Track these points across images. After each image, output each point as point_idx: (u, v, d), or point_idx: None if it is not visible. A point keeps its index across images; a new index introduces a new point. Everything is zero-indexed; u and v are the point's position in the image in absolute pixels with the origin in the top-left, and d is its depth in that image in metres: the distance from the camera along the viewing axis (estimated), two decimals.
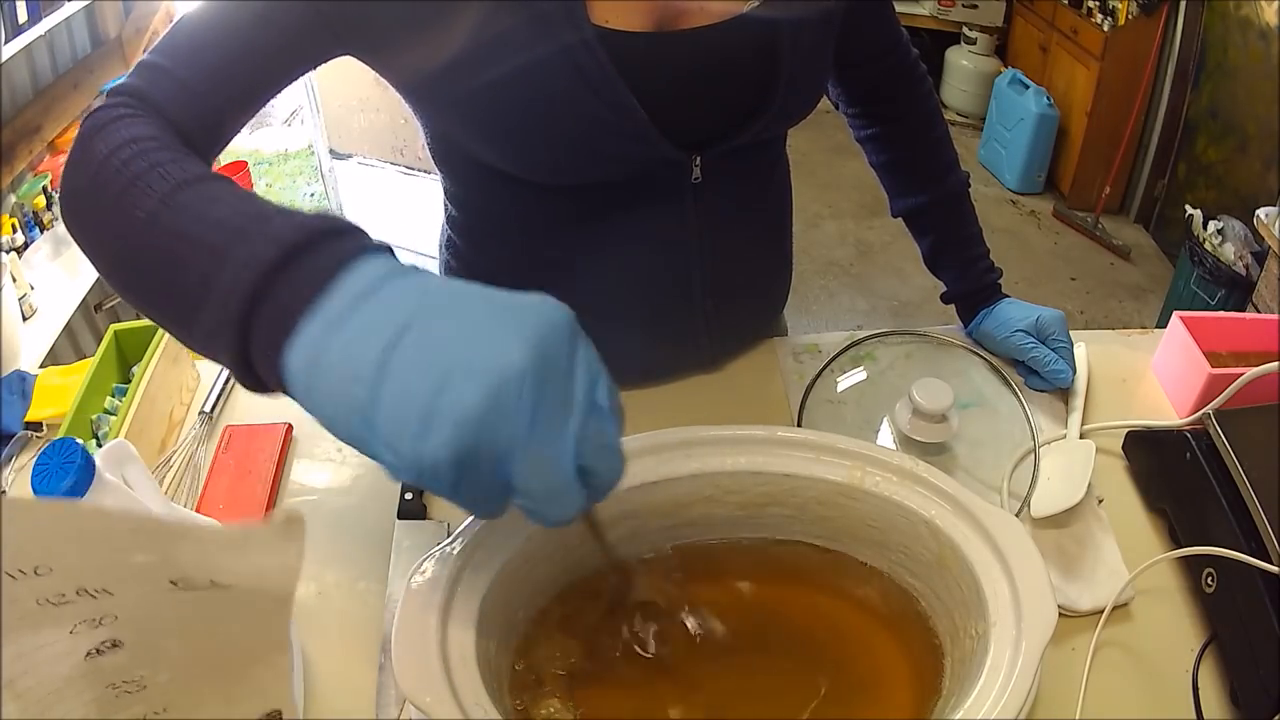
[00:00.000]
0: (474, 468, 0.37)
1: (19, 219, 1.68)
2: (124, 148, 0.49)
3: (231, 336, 0.40)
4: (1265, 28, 2.47)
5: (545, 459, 0.38)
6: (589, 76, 0.63)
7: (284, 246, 0.40)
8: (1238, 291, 2.22)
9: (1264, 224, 1.99)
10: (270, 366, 0.40)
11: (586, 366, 0.40)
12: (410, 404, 0.37)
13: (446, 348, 0.37)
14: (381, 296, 0.39)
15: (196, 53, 0.57)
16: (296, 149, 3.39)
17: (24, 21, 1.58)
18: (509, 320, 0.39)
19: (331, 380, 0.38)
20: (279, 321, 0.39)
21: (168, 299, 0.46)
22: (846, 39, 0.76)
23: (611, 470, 0.42)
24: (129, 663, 0.35)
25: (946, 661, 0.55)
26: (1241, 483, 0.64)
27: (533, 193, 0.73)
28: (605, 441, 0.41)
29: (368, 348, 0.37)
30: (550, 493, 0.39)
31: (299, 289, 0.39)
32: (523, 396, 0.37)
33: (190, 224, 0.44)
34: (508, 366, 0.37)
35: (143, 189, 0.47)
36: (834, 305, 2.72)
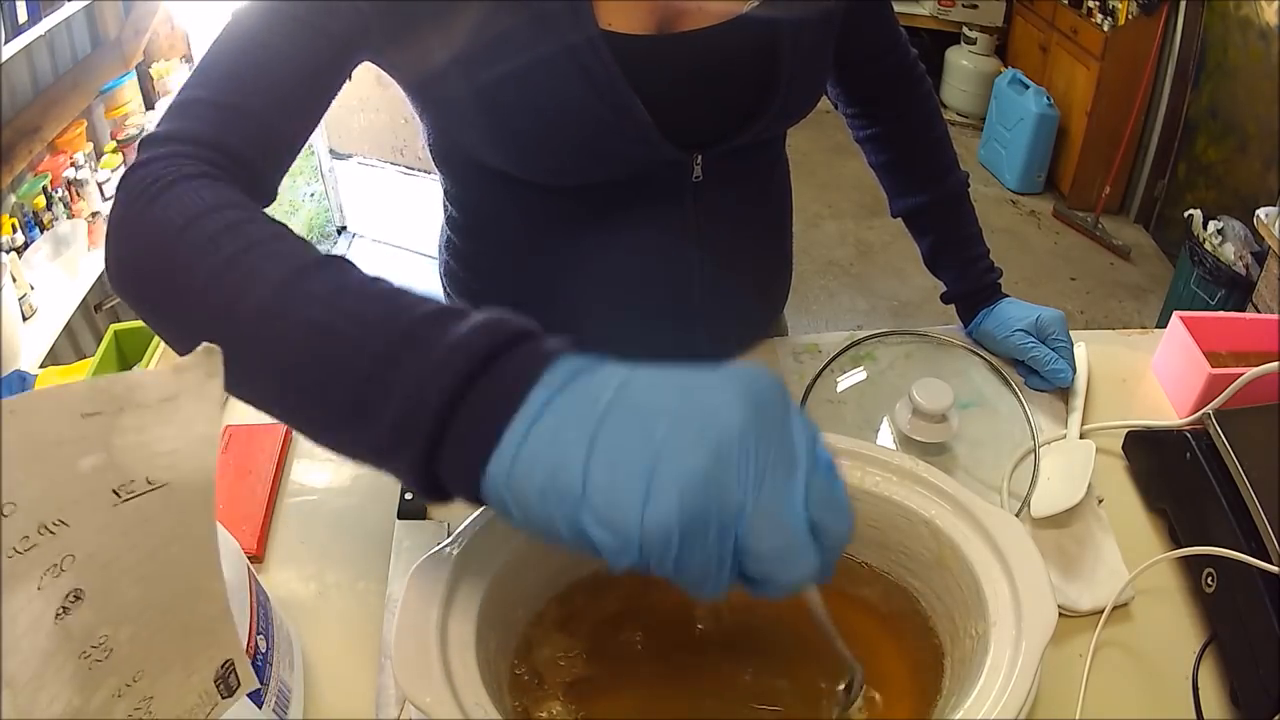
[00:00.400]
0: (702, 534, 0.35)
1: (19, 219, 1.68)
2: (204, 218, 0.45)
3: (416, 454, 0.38)
4: (1265, 28, 2.47)
5: (775, 516, 0.37)
6: (594, 78, 0.63)
7: (474, 356, 0.38)
8: (1238, 291, 2.22)
9: (1264, 224, 1.99)
10: (464, 479, 0.38)
11: (804, 424, 0.39)
12: (627, 476, 0.35)
13: (657, 418, 0.36)
14: (578, 387, 0.37)
15: (239, 79, 0.53)
16: None
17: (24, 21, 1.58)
18: (718, 384, 0.38)
19: (535, 475, 0.36)
20: (476, 435, 0.37)
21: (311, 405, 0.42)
22: (846, 39, 0.76)
23: (841, 525, 0.40)
24: (93, 618, 0.35)
25: (946, 661, 0.55)
26: (1241, 483, 0.64)
27: (533, 193, 0.73)
28: (833, 495, 0.39)
29: (572, 432, 0.36)
30: (783, 552, 0.37)
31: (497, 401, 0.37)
32: (746, 454, 0.36)
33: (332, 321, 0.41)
34: (728, 425, 0.36)
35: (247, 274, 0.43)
36: (834, 305, 2.72)
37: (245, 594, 0.54)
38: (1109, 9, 2.86)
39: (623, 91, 0.64)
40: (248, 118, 0.53)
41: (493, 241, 0.82)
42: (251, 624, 0.53)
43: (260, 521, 0.72)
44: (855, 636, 0.59)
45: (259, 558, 0.71)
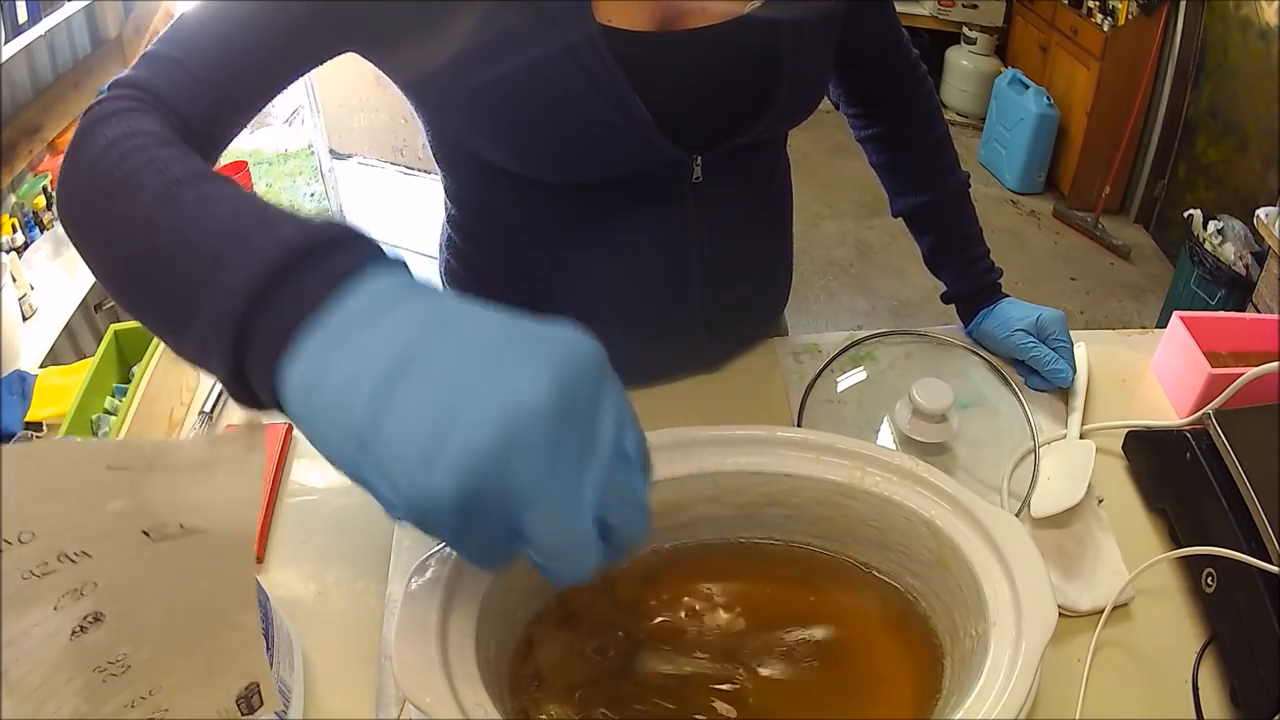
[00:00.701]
0: (481, 513, 0.34)
1: (19, 219, 1.68)
2: (122, 140, 0.48)
3: (226, 346, 0.38)
4: (1265, 28, 2.47)
5: (561, 508, 0.35)
6: (594, 76, 0.63)
7: (286, 251, 0.37)
8: (1238, 291, 2.22)
9: (1264, 224, 1.99)
10: (265, 381, 0.37)
11: (615, 409, 0.37)
12: (415, 436, 0.33)
13: (459, 375, 0.34)
14: (389, 313, 0.36)
15: (205, 44, 0.56)
16: (296, 149, 3.39)
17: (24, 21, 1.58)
18: (530, 350, 0.35)
19: (330, 403, 0.35)
20: (277, 334, 0.36)
21: (160, 302, 0.43)
22: (847, 39, 0.76)
23: (634, 527, 0.38)
24: (111, 639, 0.35)
25: (946, 661, 0.55)
26: (1241, 483, 0.64)
27: (534, 191, 0.73)
28: (630, 495, 0.37)
29: (371, 369, 0.34)
30: (565, 547, 0.36)
31: (300, 299, 0.36)
32: (541, 436, 0.34)
33: (188, 224, 0.41)
34: (527, 401, 0.33)
35: (139, 184, 0.44)
36: (834, 305, 2.72)
37: None
38: (1109, 9, 2.86)
39: (623, 89, 0.64)
40: (203, 85, 0.54)
41: (493, 240, 0.82)
42: None
43: (260, 521, 0.72)
44: (855, 636, 0.59)
45: (259, 558, 0.71)
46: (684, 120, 0.69)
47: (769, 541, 0.63)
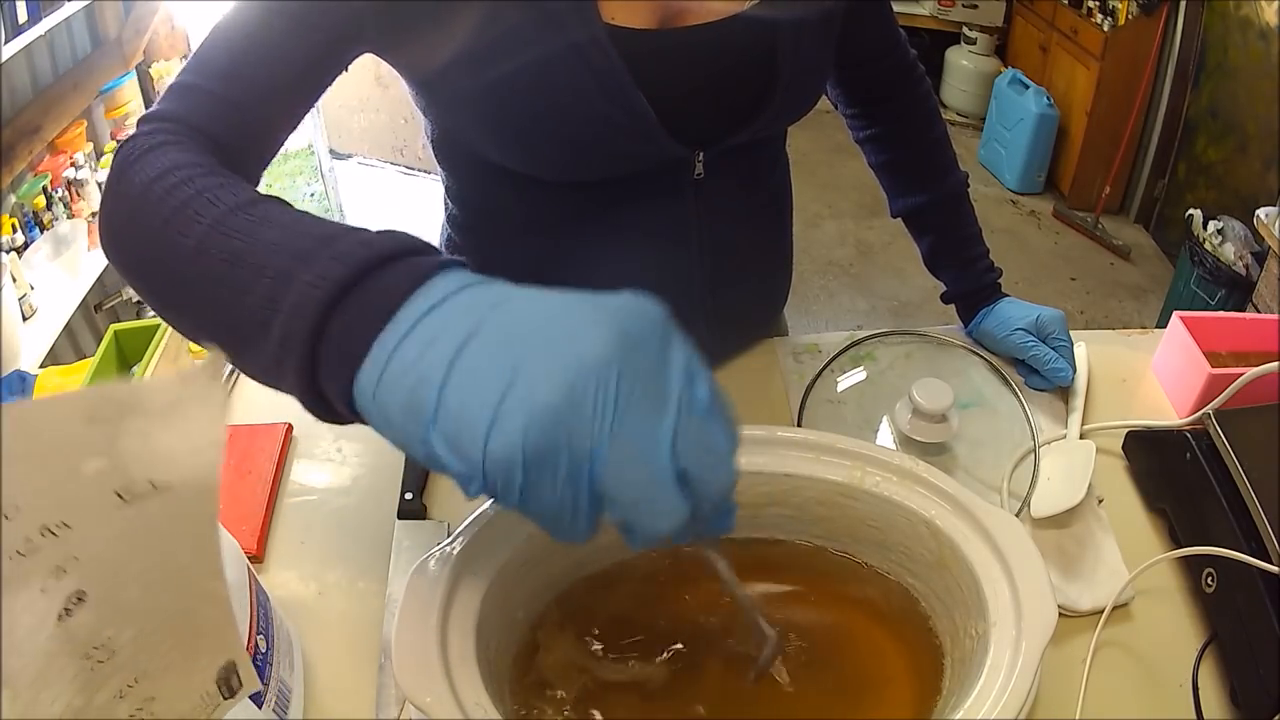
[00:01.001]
0: (550, 471, 0.34)
1: (19, 219, 1.68)
2: (166, 175, 0.48)
3: (300, 362, 0.38)
4: (1265, 28, 2.47)
5: (636, 457, 0.35)
6: (598, 73, 0.64)
7: (353, 265, 0.38)
8: (1238, 291, 2.22)
9: (1264, 224, 1.99)
10: (342, 391, 0.38)
11: (684, 362, 0.37)
12: (478, 402, 0.34)
13: (520, 343, 0.34)
14: (454, 303, 0.36)
15: (230, 68, 0.55)
16: (296, 149, 3.39)
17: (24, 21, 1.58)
18: (591, 311, 0.35)
19: (398, 390, 0.35)
20: (349, 344, 0.37)
21: (226, 327, 0.43)
22: (847, 39, 0.77)
23: (719, 477, 0.37)
24: (96, 621, 0.35)
25: (946, 661, 0.55)
26: (1241, 483, 0.64)
27: (535, 190, 0.73)
28: (709, 443, 0.37)
29: (437, 351, 0.35)
30: (642, 500, 0.35)
31: (370, 309, 0.37)
32: (607, 388, 0.34)
33: (246, 248, 0.42)
34: (588, 356, 0.34)
35: (190, 216, 0.45)
36: (834, 305, 2.72)
37: (245, 594, 0.54)
38: (1109, 9, 2.86)
39: (626, 85, 0.65)
40: (235, 108, 0.55)
41: (493, 239, 0.82)
42: (251, 624, 0.53)
43: (260, 521, 0.72)
44: (855, 636, 0.59)
45: (259, 558, 0.71)
46: (685, 117, 0.69)
47: (769, 541, 0.63)
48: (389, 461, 0.77)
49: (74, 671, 0.35)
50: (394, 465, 0.76)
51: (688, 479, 0.36)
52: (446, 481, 0.76)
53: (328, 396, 0.39)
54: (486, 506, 0.55)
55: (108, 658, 0.36)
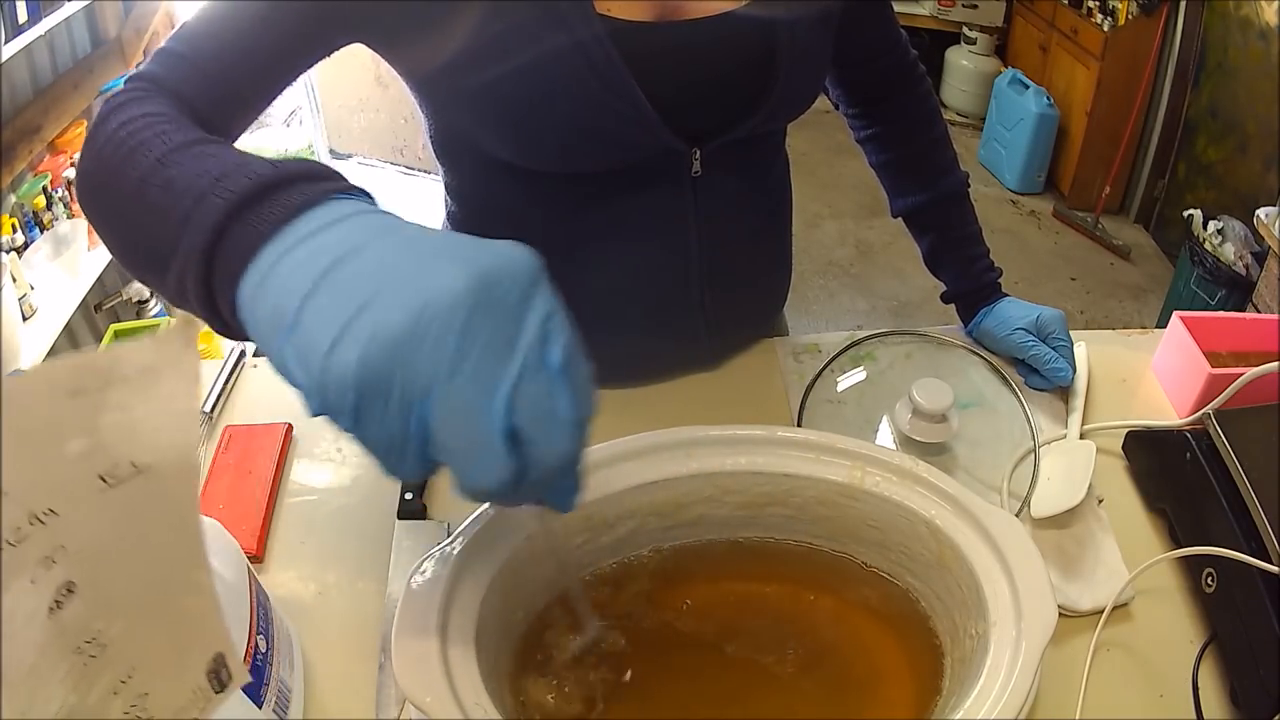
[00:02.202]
0: (383, 398, 0.34)
1: (19, 219, 1.68)
2: (132, 121, 0.50)
3: (197, 277, 0.39)
4: (1265, 28, 2.47)
5: (467, 404, 0.34)
6: (596, 65, 0.64)
7: (257, 181, 0.39)
8: (1238, 291, 2.22)
9: (1264, 224, 1.99)
10: (229, 300, 0.39)
11: (542, 319, 0.36)
12: (329, 319, 0.34)
13: (386, 271, 0.35)
14: (339, 227, 0.38)
15: (213, 39, 0.58)
16: (296, 149, 3.39)
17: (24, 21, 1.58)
18: (460, 251, 0.36)
19: (268, 297, 0.37)
20: (238, 256, 0.38)
21: (150, 249, 0.45)
22: (847, 39, 0.77)
23: (555, 443, 0.36)
24: (86, 613, 0.34)
25: (946, 661, 0.55)
26: (1241, 483, 0.64)
27: (534, 184, 0.74)
28: (550, 405, 0.36)
29: (311, 266, 0.36)
30: (469, 448, 0.35)
31: (263, 222, 0.38)
32: (450, 327, 0.34)
33: (180, 176, 0.44)
34: (440, 291, 0.34)
35: (142, 153, 0.47)
36: (834, 305, 2.72)
37: (245, 594, 0.53)
38: (1109, 9, 2.86)
39: (623, 77, 0.65)
40: (211, 79, 0.57)
41: (493, 236, 0.82)
42: (251, 624, 0.53)
43: (260, 521, 0.72)
44: (855, 636, 0.59)
45: (259, 558, 0.71)
46: (682, 111, 0.69)
47: (769, 541, 0.63)
48: None
49: (67, 667, 0.34)
50: None
51: (520, 439, 0.36)
52: (447, 481, 0.76)
53: (221, 310, 0.40)
54: (486, 506, 0.55)
55: (99, 652, 0.35)
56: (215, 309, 0.41)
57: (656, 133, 0.69)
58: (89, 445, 0.33)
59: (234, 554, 0.54)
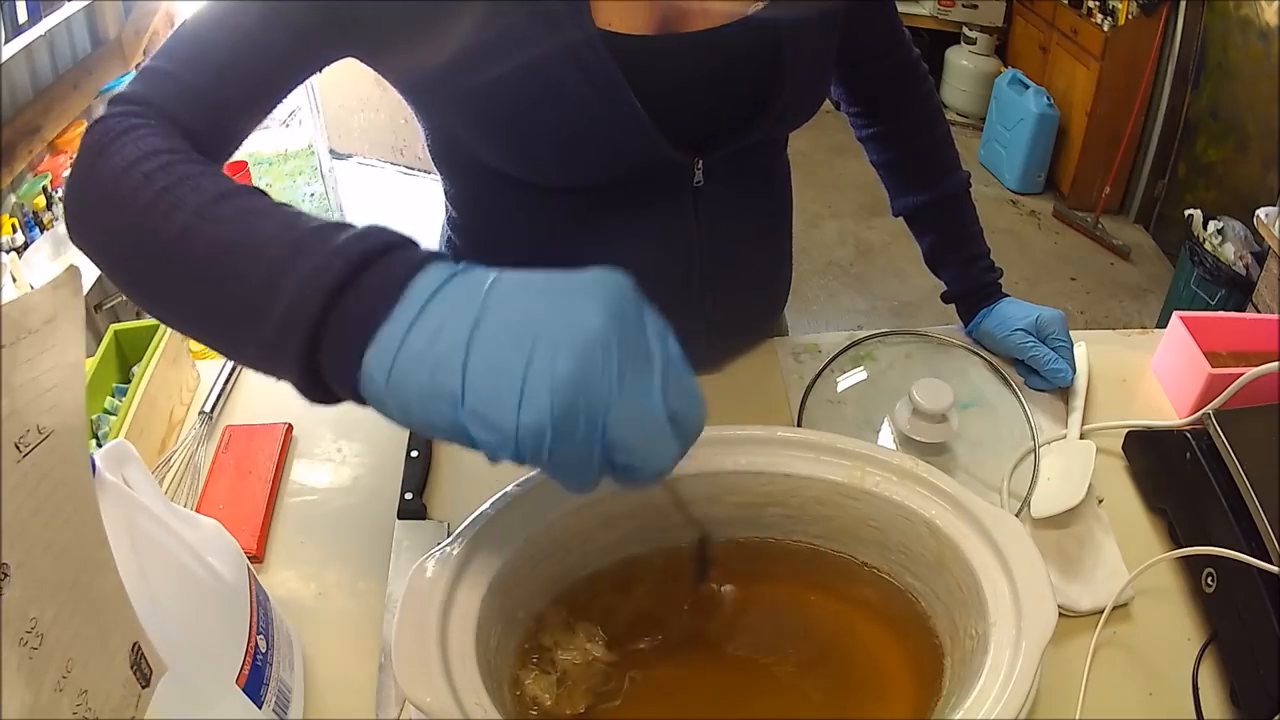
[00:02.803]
0: (572, 430, 0.38)
1: (19, 219, 1.68)
2: (143, 160, 0.49)
3: (299, 348, 0.41)
4: (1265, 28, 2.47)
5: (639, 409, 0.40)
6: (592, 78, 0.63)
7: (352, 260, 0.41)
8: (1238, 291, 2.22)
9: (1264, 224, 1.99)
10: (344, 375, 0.41)
11: (656, 324, 0.42)
12: (501, 378, 0.38)
13: (525, 324, 0.39)
14: (451, 292, 0.40)
15: (201, 56, 0.56)
16: (296, 149, 3.39)
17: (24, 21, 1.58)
18: (580, 291, 0.40)
19: (417, 376, 0.39)
20: (354, 329, 0.40)
21: (214, 313, 0.45)
22: (850, 39, 0.76)
23: (695, 412, 0.43)
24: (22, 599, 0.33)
25: (946, 661, 0.55)
26: (1241, 483, 0.64)
27: (533, 194, 0.73)
28: (686, 386, 0.43)
29: (448, 336, 0.39)
30: (647, 441, 0.41)
31: (373, 299, 0.40)
32: (609, 356, 0.39)
33: (237, 238, 0.44)
34: (591, 330, 0.39)
35: (172, 202, 0.46)
36: (834, 305, 2.72)
37: (245, 594, 0.54)
38: (1109, 9, 2.86)
39: (621, 91, 0.64)
40: (201, 97, 0.56)
41: (492, 243, 0.82)
42: (251, 624, 0.53)
43: (260, 521, 0.72)
44: (855, 636, 0.59)
45: (259, 558, 0.71)
46: (684, 123, 0.69)
47: (769, 541, 0.63)
48: (389, 461, 0.77)
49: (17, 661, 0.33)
50: (394, 465, 0.76)
51: (675, 420, 0.42)
52: (447, 481, 0.77)
53: (326, 382, 0.42)
54: (486, 506, 0.55)
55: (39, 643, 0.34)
56: (318, 382, 0.42)
57: (657, 146, 0.68)
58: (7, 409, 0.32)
59: (234, 554, 0.54)
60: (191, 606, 0.48)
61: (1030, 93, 3.14)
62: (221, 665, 0.51)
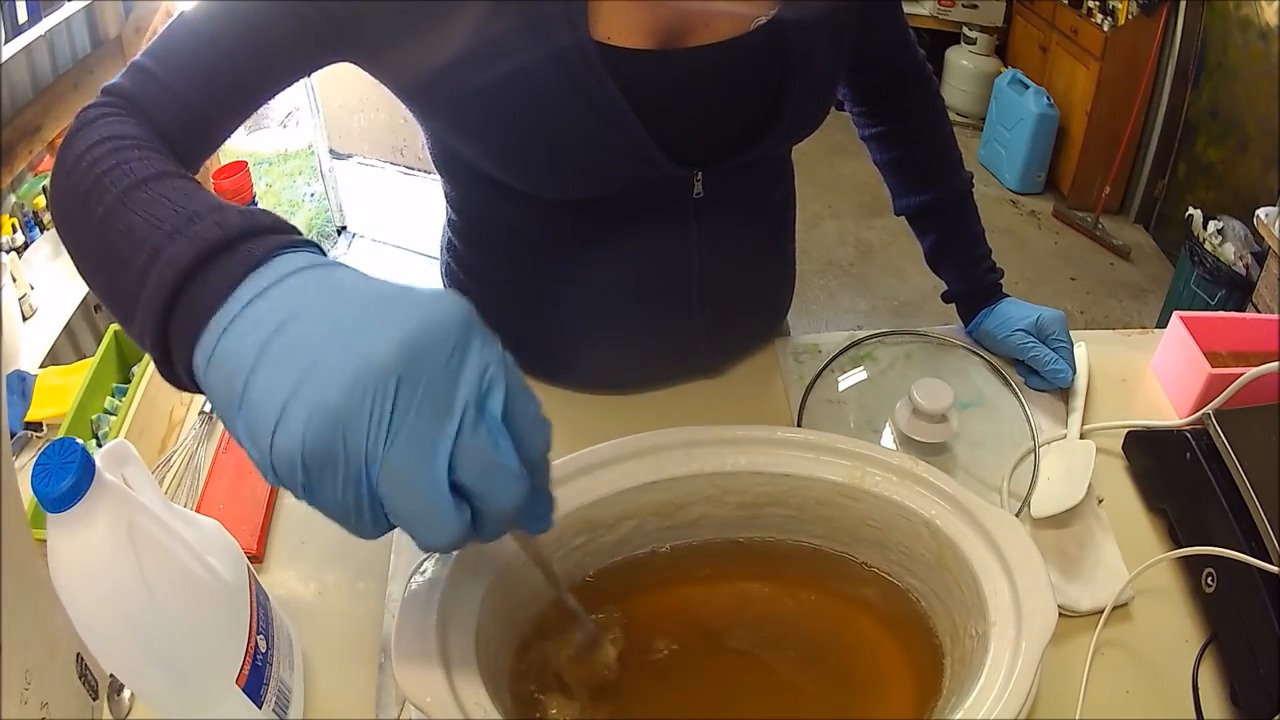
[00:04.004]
0: (329, 469, 0.35)
1: (19, 219, 1.68)
2: (98, 145, 0.49)
3: (155, 338, 0.40)
4: (1265, 28, 2.47)
5: (410, 471, 0.35)
6: (588, 93, 0.62)
7: (202, 247, 0.39)
8: (1238, 291, 2.22)
9: (1264, 224, 1.99)
10: (185, 368, 0.40)
11: (479, 369, 0.36)
12: (272, 395, 0.35)
13: (320, 340, 0.35)
14: (279, 290, 0.37)
15: (185, 59, 0.56)
16: (296, 149, 3.39)
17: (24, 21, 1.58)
18: (388, 313, 0.36)
19: (220, 371, 0.37)
20: (191, 321, 0.39)
21: (114, 297, 0.45)
22: (857, 43, 0.75)
23: (501, 493, 0.37)
24: None
25: (946, 661, 0.55)
26: (1241, 483, 0.64)
27: (532, 204, 0.72)
28: (492, 458, 0.36)
29: (251, 340, 0.36)
30: (417, 511, 0.36)
31: (211, 290, 0.38)
32: (385, 394, 0.34)
33: (138, 223, 0.43)
34: (371, 360, 0.34)
35: (105, 186, 0.46)
36: (834, 305, 2.72)
37: (245, 594, 0.54)
38: (1109, 9, 2.86)
39: (618, 106, 0.63)
40: (182, 104, 0.56)
41: (492, 249, 0.82)
42: (251, 624, 0.53)
43: (260, 521, 0.72)
44: (855, 636, 0.59)
45: (259, 558, 0.71)
46: (685, 137, 0.68)
47: (769, 541, 0.63)
48: None
49: None
50: None
51: (467, 492, 0.36)
52: None
53: (180, 375, 0.41)
54: None
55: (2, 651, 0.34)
56: (174, 371, 0.41)
57: (654, 160, 0.67)
58: None
59: (234, 554, 0.54)
60: (191, 606, 0.48)
61: (1030, 93, 3.14)
62: (221, 665, 0.51)
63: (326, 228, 2.94)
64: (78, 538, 0.44)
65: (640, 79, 0.64)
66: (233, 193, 2.24)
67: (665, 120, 0.66)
